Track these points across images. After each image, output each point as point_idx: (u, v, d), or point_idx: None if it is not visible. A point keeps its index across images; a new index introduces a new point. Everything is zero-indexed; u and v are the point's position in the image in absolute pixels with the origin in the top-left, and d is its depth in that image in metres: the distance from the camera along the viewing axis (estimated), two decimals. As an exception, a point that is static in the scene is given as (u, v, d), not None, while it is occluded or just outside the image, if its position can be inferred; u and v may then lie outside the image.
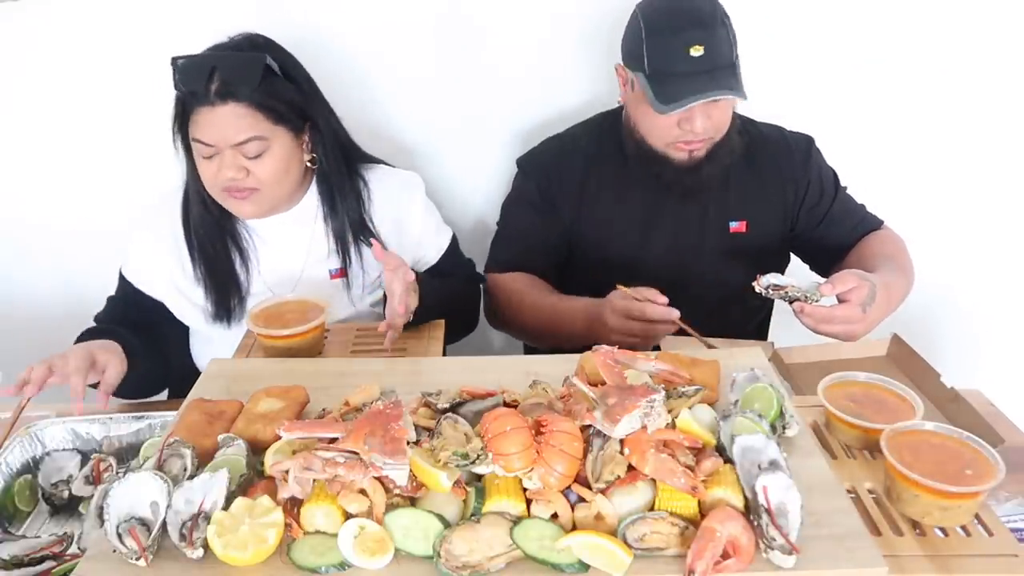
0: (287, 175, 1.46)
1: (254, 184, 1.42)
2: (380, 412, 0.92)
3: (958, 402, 1.32)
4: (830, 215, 1.70)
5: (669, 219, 1.68)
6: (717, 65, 1.47)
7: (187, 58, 1.38)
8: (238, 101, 1.37)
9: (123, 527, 0.83)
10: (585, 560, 0.80)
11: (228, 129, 1.37)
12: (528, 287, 1.69)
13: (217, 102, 1.36)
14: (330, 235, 1.56)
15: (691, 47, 1.45)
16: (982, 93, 1.96)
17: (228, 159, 1.39)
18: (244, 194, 1.43)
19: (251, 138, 1.38)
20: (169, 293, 1.56)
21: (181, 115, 1.42)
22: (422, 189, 1.66)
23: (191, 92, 1.37)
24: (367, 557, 0.81)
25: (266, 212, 1.50)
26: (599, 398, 0.92)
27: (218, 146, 1.38)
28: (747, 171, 1.68)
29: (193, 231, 1.52)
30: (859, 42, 1.92)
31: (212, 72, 1.36)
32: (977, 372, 1.52)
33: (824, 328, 1.36)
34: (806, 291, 1.33)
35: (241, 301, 1.54)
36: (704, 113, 1.49)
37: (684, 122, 1.50)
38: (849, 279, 1.35)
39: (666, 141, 1.55)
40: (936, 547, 0.93)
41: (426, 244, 1.65)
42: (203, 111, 1.37)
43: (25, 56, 1.86)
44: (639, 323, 1.41)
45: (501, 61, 1.91)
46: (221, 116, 1.37)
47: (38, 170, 1.97)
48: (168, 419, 1.25)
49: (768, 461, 0.86)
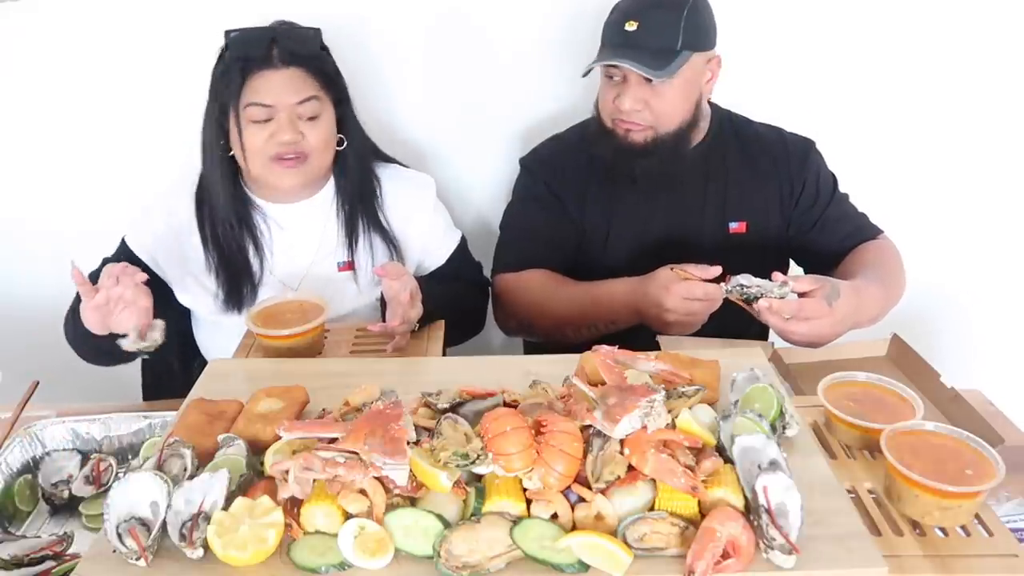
0: (330, 146, 1.51)
1: (306, 149, 1.46)
2: (380, 412, 0.92)
3: (958, 402, 1.32)
4: (824, 219, 1.69)
5: (668, 220, 1.68)
6: (647, 44, 1.50)
7: (242, 29, 1.44)
8: (298, 66, 1.44)
9: (123, 527, 0.83)
10: (585, 560, 0.80)
11: (288, 90, 1.43)
12: (552, 282, 1.67)
13: (279, 65, 1.43)
14: (342, 227, 1.57)
15: (627, 22, 1.51)
16: (982, 95, 1.96)
17: (284, 121, 1.43)
18: (292, 162, 1.46)
19: (310, 97, 1.44)
20: (178, 277, 1.56)
21: (233, 83, 1.43)
22: (433, 190, 1.67)
23: (251, 56, 1.42)
24: (367, 557, 0.81)
25: (304, 185, 1.53)
26: (599, 398, 0.92)
27: (277, 106, 1.42)
28: (746, 171, 1.68)
29: (211, 216, 1.53)
30: (861, 45, 1.92)
31: (272, 40, 1.43)
32: (977, 372, 1.52)
33: (791, 327, 1.34)
34: (770, 290, 1.32)
35: (253, 289, 1.54)
36: (635, 95, 1.52)
37: (617, 98, 1.54)
38: (806, 279, 1.36)
39: (607, 116, 1.59)
40: (936, 547, 0.92)
41: (434, 245, 1.66)
42: (265, 74, 1.42)
43: (26, 56, 1.86)
44: (700, 303, 1.41)
45: (500, 61, 1.92)
46: (283, 78, 1.43)
47: (39, 170, 1.97)
48: (168, 419, 1.25)
49: (768, 461, 0.86)
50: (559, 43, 1.90)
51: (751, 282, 1.33)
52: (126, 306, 1.26)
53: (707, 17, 1.56)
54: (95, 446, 1.29)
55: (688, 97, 1.56)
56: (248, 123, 1.44)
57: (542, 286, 1.67)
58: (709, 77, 1.59)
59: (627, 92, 1.52)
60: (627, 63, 1.48)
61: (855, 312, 1.41)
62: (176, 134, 1.89)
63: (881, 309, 1.54)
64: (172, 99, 1.88)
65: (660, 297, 1.42)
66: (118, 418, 1.30)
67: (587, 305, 1.59)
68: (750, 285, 1.33)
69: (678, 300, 1.41)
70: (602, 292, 1.58)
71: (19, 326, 2.01)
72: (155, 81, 1.88)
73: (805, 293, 1.35)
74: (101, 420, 1.29)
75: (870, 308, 1.49)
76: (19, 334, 1.95)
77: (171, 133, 1.90)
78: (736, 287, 1.34)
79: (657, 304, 1.43)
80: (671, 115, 1.55)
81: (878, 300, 1.52)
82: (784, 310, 1.32)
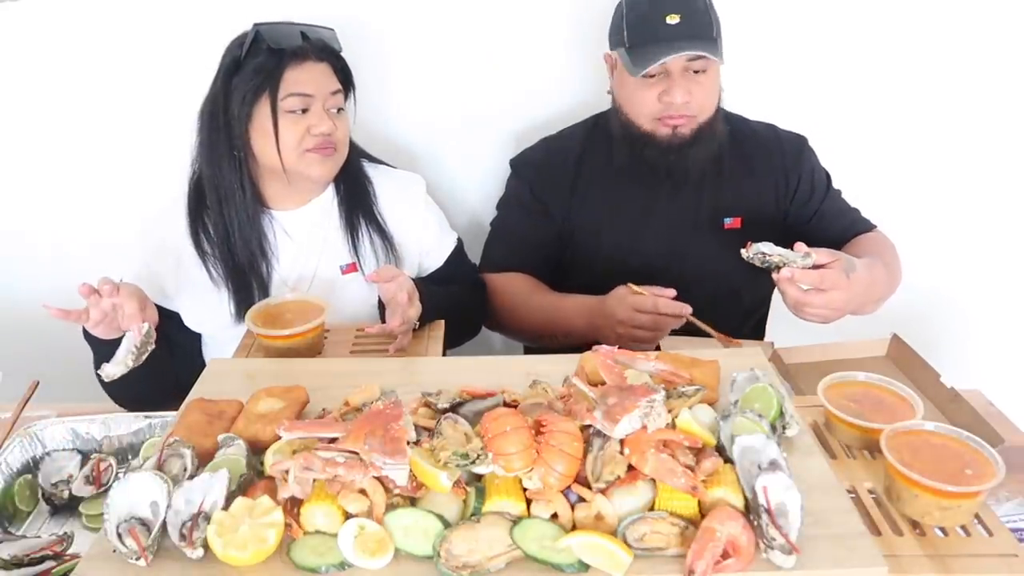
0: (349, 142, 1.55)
1: (337, 140, 1.49)
2: (380, 412, 0.92)
3: (958, 402, 1.32)
4: (820, 213, 1.70)
5: (661, 217, 1.68)
6: (695, 33, 1.50)
7: (271, 24, 1.46)
8: (328, 61, 1.49)
9: (123, 527, 0.83)
10: (585, 560, 0.80)
11: (325, 80, 1.47)
12: (526, 288, 1.70)
13: (314, 57, 1.47)
14: (343, 229, 1.57)
15: (668, 15, 1.50)
16: (978, 93, 1.96)
17: (321, 111, 1.46)
18: (330, 151, 1.49)
19: (339, 89, 1.50)
20: (184, 299, 1.55)
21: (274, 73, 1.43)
22: (423, 187, 1.68)
23: (290, 49, 1.44)
24: (367, 557, 0.81)
25: (329, 180, 1.56)
26: (599, 398, 0.92)
27: (316, 95, 1.45)
28: (740, 167, 1.68)
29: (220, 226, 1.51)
30: (855, 43, 1.92)
31: (303, 35, 1.46)
32: (977, 372, 1.52)
33: (808, 298, 1.33)
34: (792, 260, 1.32)
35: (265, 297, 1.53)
36: (684, 87, 1.51)
37: (664, 94, 1.53)
38: (824, 252, 1.35)
39: (649, 116, 1.57)
40: (936, 547, 0.92)
41: (431, 245, 1.66)
42: (305, 65, 1.45)
43: (27, 58, 1.86)
44: (649, 316, 1.42)
45: (497, 62, 1.91)
46: (320, 70, 1.47)
47: (40, 171, 1.97)
48: (168, 419, 1.25)
49: (768, 461, 0.86)
50: (559, 43, 1.90)
51: (773, 251, 1.32)
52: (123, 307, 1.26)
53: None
54: (95, 446, 1.29)
55: (718, 84, 1.58)
56: (284, 114, 1.44)
57: (516, 291, 1.70)
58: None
59: (677, 86, 1.51)
60: (697, 49, 1.48)
61: (866, 289, 1.42)
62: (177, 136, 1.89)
63: (885, 292, 1.56)
64: (174, 102, 1.86)
65: (613, 309, 1.47)
66: (118, 418, 1.30)
67: (548, 315, 1.63)
68: (772, 254, 1.32)
69: (629, 312, 1.44)
70: (563, 304, 1.62)
71: (19, 326, 2.01)
72: (157, 84, 1.87)
73: (822, 265, 1.34)
74: (101, 420, 1.29)
75: (879, 287, 1.51)
76: (19, 334, 1.95)
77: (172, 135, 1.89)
78: (758, 254, 1.33)
79: (610, 315, 1.47)
80: (712, 102, 1.58)
81: (884, 282, 1.54)
82: (805, 279, 1.32)
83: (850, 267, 1.35)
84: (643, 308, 1.43)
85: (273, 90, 1.43)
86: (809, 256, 1.32)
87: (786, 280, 1.32)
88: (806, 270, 1.31)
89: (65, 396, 1.41)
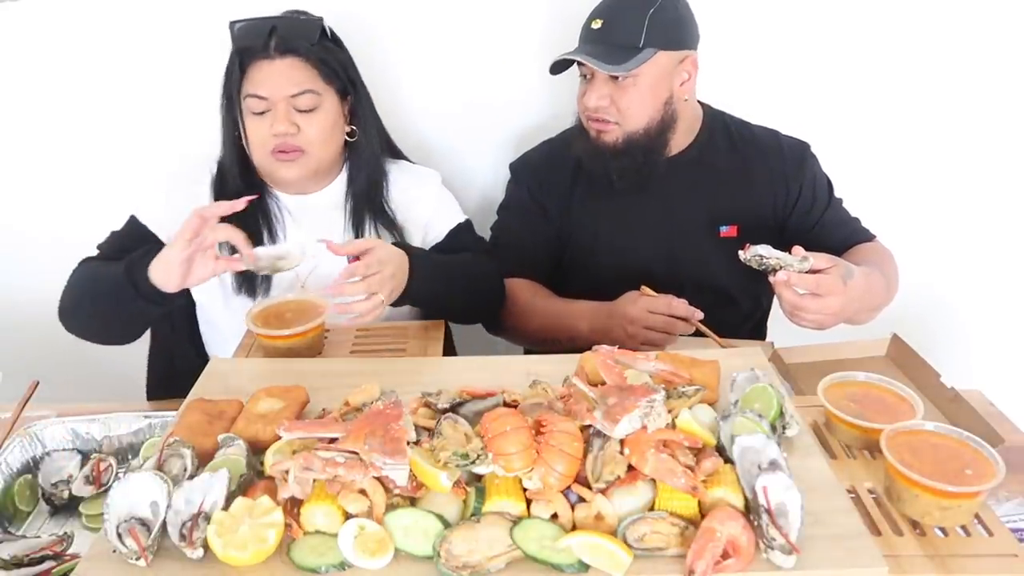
0: (332, 139, 1.51)
1: (303, 144, 1.46)
2: (380, 412, 0.92)
3: (958, 402, 1.32)
4: (821, 223, 1.68)
5: (657, 224, 1.67)
6: (611, 40, 1.51)
7: (246, 20, 1.44)
8: (296, 55, 1.43)
9: (123, 527, 0.83)
10: (585, 560, 0.80)
11: (284, 82, 1.42)
12: (530, 292, 1.69)
13: (275, 56, 1.42)
14: (349, 220, 1.57)
15: (593, 20, 1.54)
16: (978, 95, 1.96)
17: (281, 113, 1.43)
18: (292, 155, 1.46)
19: (305, 91, 1.43)
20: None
21: (234, 74, 1.45)
22: (438, 179, 1.69)
23: (250, 47, 1.42)
24: (367, 557, 0.81)
25: (307, 178, 1.53)
26: (599, 398, 0.92)
27: (272, 98, 1.43)
28: (739, 174, 1.67)
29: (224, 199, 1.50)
30: (857, 48, 1.92)
31: (272, 30, 1.42)
32: (977, 372, 1.52)
33: (804, 302, 1.33)
34: (790, 263, 1.31)
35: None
36: (598, 91, 1.54)
37: (584, 95, 1.57)
38: (822, 257, 1.35)
39: (581, 114, 1.62)
40: (936, 547, 0.92)
41: (436, 220, 1.65)
42: (261, 65, 1.43)
43: (27, 56, 1.86)
44: (660, 317, 1.43)
45: (497, 62, 1.91)
46: (278, 69, 1.42)
47: (40, 170, 1.97)
48: (168, 419, 1.25)
49: (768, 461, 0.86)
50: (558, 44, 1.89)
51: (771, 253, 1.32)
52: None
53: (679, 17, 1.54)
54: (95, 446, 1.29)
55: (656, 96, 1.55)
56: (249, 114, 1.45)
57: (524, 297, 1.69)
58: (685, 79, 1.58)
59: (592, 88, 1.55)
60: (584, 58, 1.50)
61: (863, 296, 1.41)
62: (177, 136, 1.89)
63: (882, 301, 1.54)
64: (174, 97, 1.88)
65: (625, 309, 1.47)
66: (118, 418, 1.30)
67: (553, 319, 1.63)
68: (769, 256, 1.31)
69: (641, 311, 1.45)
70: (570, 309, 1.62)
71: (19, 326, 2.01)
72: (156, 79, 1.88)
73: (819, 270, 1.34)
74: (101, 420, 1.29)
75: (875, 296, 1.50)
76: (19, 334, 1.95)
77: (172, 134, 1.91)
78: (755, 256, 1.32)
79: (622, 314, 1.47)
80: (637, 113, 1.55)
81: (882, 290, 1.52)
82: (801, 283, 1.31)
83: (848, 274, 1.34)
84: (655, 309, 1.44)
85: (237, 91, 1.45)
86: (807, 260, 1.32)
87: (782, 283, 1.31)
88: (802, 274, 1.31)
89: (65, 396, 1.41)
